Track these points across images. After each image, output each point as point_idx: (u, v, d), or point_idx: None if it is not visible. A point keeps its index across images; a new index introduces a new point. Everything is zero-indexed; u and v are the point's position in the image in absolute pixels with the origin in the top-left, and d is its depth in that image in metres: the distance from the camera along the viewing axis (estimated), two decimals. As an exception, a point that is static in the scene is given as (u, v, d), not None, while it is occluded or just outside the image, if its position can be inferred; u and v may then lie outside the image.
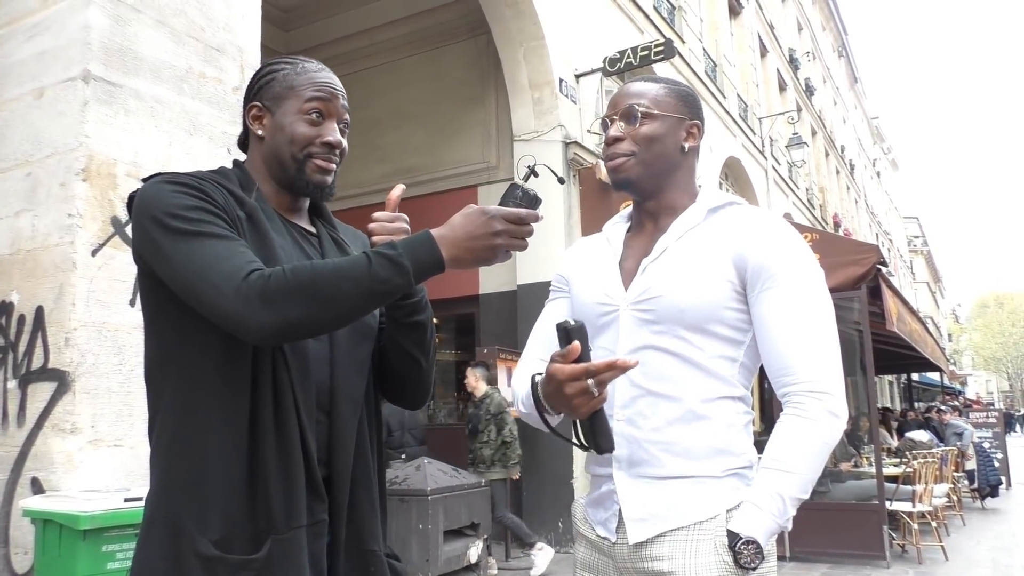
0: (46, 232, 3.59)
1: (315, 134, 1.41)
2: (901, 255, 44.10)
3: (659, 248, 1.51)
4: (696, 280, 1.45)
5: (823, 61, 27.21)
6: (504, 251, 1.27)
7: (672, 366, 1.45)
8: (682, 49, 12.07)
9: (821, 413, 1.38)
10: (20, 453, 3.48)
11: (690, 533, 1.39)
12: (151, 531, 1.27)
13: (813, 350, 1.41)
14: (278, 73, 1.45)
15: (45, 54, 3.76)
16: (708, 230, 1.51)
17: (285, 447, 1.26)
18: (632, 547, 1.43)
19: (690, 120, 1.58)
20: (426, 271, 1.24)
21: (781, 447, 1.39)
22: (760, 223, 1.48)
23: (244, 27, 4.42)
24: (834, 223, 23.00)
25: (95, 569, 2.76)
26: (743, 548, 1.34)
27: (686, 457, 1.42)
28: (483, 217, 1.25)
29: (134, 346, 3.62)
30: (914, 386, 24.46)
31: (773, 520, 1.36)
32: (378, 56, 9.66)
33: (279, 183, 1.44)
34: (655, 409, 1.44)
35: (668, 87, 1.59)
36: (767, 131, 17.30)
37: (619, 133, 1.56)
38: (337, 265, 1.21)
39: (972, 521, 9.87)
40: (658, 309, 1.45)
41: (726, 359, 1.46)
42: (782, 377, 1.42)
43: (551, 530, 7.52)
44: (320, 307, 1.19)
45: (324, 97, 1.42)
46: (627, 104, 1.56)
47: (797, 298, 1.42)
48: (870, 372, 7.41)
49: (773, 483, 1.37)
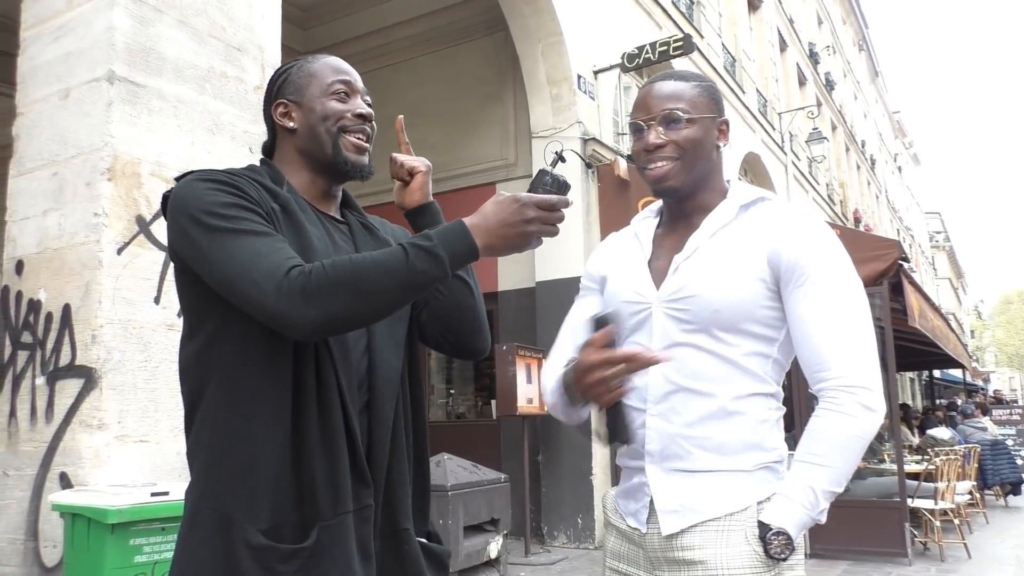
0: (72, 231, 3.64)
1: (346, 108, 1.45)
2: (923, 251, 43.66)
3: (692, 246, 1.51)
4: (730, 279, 1.45)
5: (844, 55, 26.96)
6: (536, 237, 1.29)
7: (706, 363, 1.45)
8: (701, 44, 12.01)
9: (856, 407, 1.39)
10: (49, 448, 3.54)
11: (721, 524, 1.41)
12: (195, 523, 1.28)
13: (849, 345, 1.41)
14: (293, 68, 1.49)
15: (70, 55, 3.81)
16: (740, 227, 1.51)
17: (329, 434, 1.28)
18: (664, 538, 1.45)
19: (720, 118, 1.57)
20: (461, 260, 1.26)
21: (814, 440, 1.40)
22: (793, 219, 1.49)
23: (264, 26, 4.46)
24: (855, 219, 22.81)
25: (123, 562, 2.81)
26: (773, 539, 1.36)
27: (718, 452, 1.44)
28: (515, 204, 1.27)
29: (159, 343, 3.67)
30: (936, 383, 24.21)
31: (804, 512, 1.37)
32: (396, 54, 9.68)
33: (317, 169, 1.46)
34: (688, 405, 1.45)
35: (699, 86, 1.57)
36: (787, 126, 17.17)
37: (659, 140, 1.52)
38: (375, 259, 1.23)
39: (995, 519, 9.78)
40: (692, 308, 1.46)
41: (760, 356, 1.47)
42: (818, 372, 1.43)
43: (570, 526, 7.52)
44: (361, 301, 1.21)
45: (345, 77, 1.47)
46: (666, 108, 1.52)
47: (832, 293, 1.43)
48: (891, 369, 7.35)
49: (805, 476, 1.38)
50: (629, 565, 1.54)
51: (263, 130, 1.56)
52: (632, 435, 1.44)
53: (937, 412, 15.93)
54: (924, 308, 8.21)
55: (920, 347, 11.06)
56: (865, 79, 32.12)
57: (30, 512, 3.57)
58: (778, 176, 15.90)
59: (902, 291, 7.17)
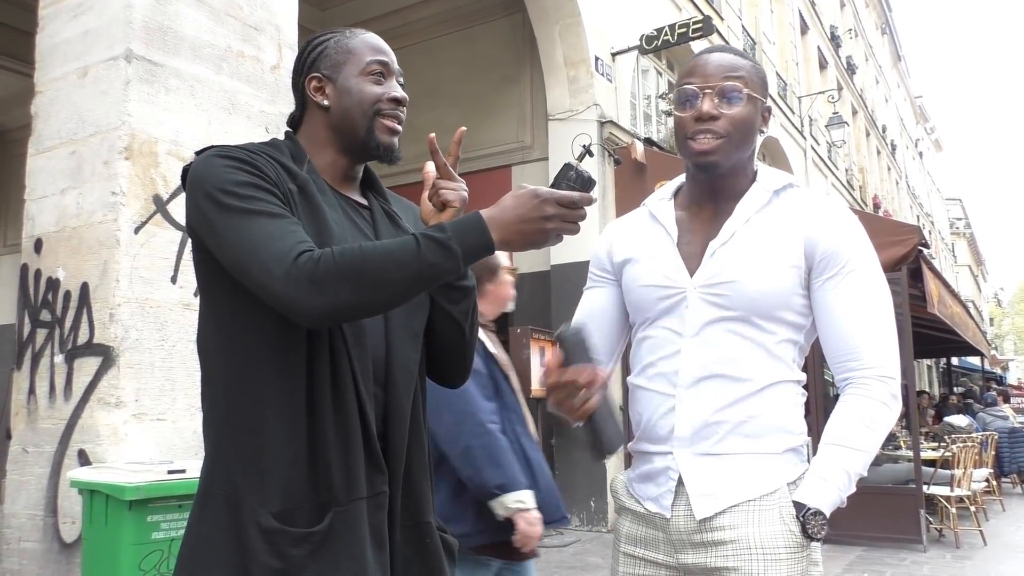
0: (91, 210, 3.66)
1: (382, 91, 1.42)
2: (943, 237, 43.21)
3: (727, 231, 1.50)
4: (769, 267, 1.45)
5: (866, 39, 26.60)
6: (555, 234, 1.24)
7: (741, 349, 1.46)
8: (720, 27, 11.88)
9: (887, 396, 1.42)
10: (67, 426, 3.58)
11: (754, 505, 1.42)
12: (207, 503, 1.28)
13: (879, 336, 1.44)
14: (329, 41, 1.45)
15: (88, 33, 3.81)
16: (775, 214, 1.50)
17: (343, 419, 1.26)
18: (697, 522, 1.44)
19: (766, 103, 1.55)
20: (476, 254, 1.23)
21: (848, 425, 1.43)
22: (827, 208, 1.50)
23: (281, 6, 4.44)
24: (874, 204, 22.58)
25: (140, 539, 2.84)
26: (811, 518, 1.38)
27: (750, 436, 1.44)
28: (535, 200, 1.22)
29: (176, 322, 3.69)
30: (953, 370, 24.02)
31: (838, 494, 1.40)
32: (412, 36, 9.64)
33: (346, 149, 1.43)
34: (721, 390, 1.46)
35: (756, 67, 1.53)
36: (806, 110, 17.00)
37: (715, 111, 1.46)
38: (387, 248, 1.21)
39: (1012, 507, 9.72)
40: (731, 295, 1.45)
41: (790, 343, 1.49)
42: (847, 362, 1.45)
43: (583, 509, 7.56)
44: (369, 291, 1.19)
45: (383, 58, 1.44)
46: (727, 80, 1.46)
47: (864, 285, 1.45)
48: (909, 355, 7.30)
49: (842, 459, 1.41)
50: (647, 549, 1.53)
51: (280, 111, 1.55)
52: (611, 447, 1.44)
53: (952, 399, 15.83)
54: (943, 295, 8.14)
55: (938, 334, 10.96)
56: (887, 63, 31.69)
57: (49, 488, 3.62)
58: (797, 161, 15.76)
59: (921, 277, 7.11)
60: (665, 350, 1.51)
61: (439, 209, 1.44)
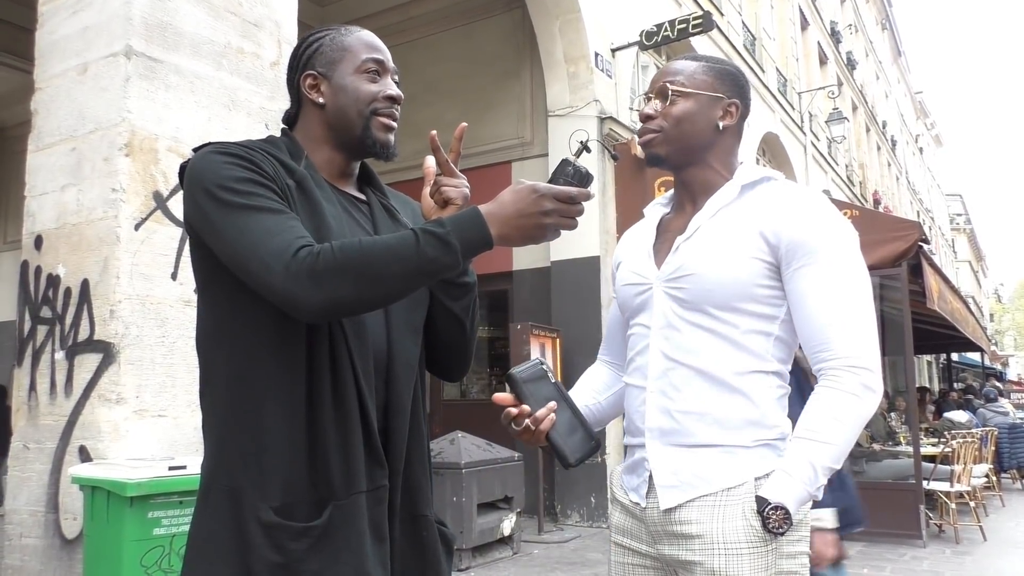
0: (91, 206, 3.66)
1: (378, 89, 1.42)
2: (943, 233, 43.19)
3: (693, 226, 1.53)
4: (727, 259, 1.46)
5: (866, 34, 26.56)
6: (554, 230, 1.26)
7: (704, 341, 1.47)
8: (720, 22, 11.86)
9: (857, 387, 1.40)
10: (68, 422, 3.59)
11: (718, 499, 1.42)
12: (209, 499, 1.28)
13: (850, 325, 1.42)
14: (324, 39, 1.45)
15: (88, 30, 3.81)
16: (741, 207, 1.52)
17: (344, 414, 1.27)
18: (663, 512, 1.47)
19: (728, 99, 1.58)
20: (474, 249, 1.24)
21: (815, 418, 1.41)
22: (794, 198, 1.49)
23: (281, 2, 4.44)
24: (874, 200, 22.57)
25: (142, 535, 2.85)
26: (771, 513, 1.37)
27: (717, 427, 1.45)
28: (533, 195, 1.24)
29: (176, 319, 3.69)
30: (953, 366, 24.02)
31: (804, 488, 1.38)
32: (412, 31, 9.63)
33: (343, 147, 1.44)
34: (687, 381, 1.47)
35: (707, 65, 1.60)
36: (806, 106, 16.98)
37: (652, 111, 1.59)
38: (386, 243, 1.21)
39: (1012, 502, 9.74)
40: (690, 287, 1.48)
41: (760, 334, 1.48)
42: (819, 352, 1.44)
43: (583, 504, 7.56)
44: (368, 286, 1.20)
45: (378, 56, 1.44)
46: (662, 82, 1.59)
47: (833, 273, 1.44)
48: (909, 351, 7.31)
49: (806, 452, 1.39)
50: (632, 539, 1.56)
51: (279, 107, 1.55)
52: (573, 458, 1.50)
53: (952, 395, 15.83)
54: (943, 290, 8.14)
55: (938, 330, 10.96)
56: (887, 59, 31.65)
57: (50, 485, 3.62)
58: (797, 157, 15.74)
59: (921, 273, 7.11)
60: (640, 345, 1.56)
61: (441, 206, 1.46)
